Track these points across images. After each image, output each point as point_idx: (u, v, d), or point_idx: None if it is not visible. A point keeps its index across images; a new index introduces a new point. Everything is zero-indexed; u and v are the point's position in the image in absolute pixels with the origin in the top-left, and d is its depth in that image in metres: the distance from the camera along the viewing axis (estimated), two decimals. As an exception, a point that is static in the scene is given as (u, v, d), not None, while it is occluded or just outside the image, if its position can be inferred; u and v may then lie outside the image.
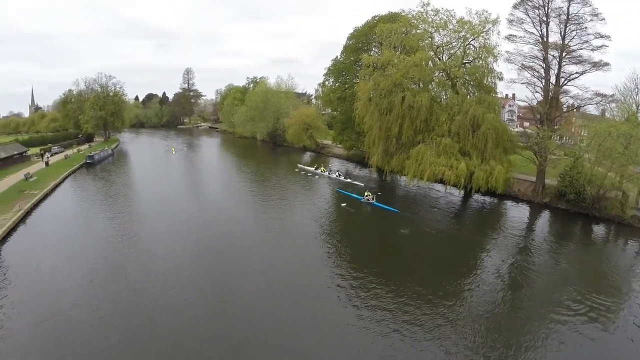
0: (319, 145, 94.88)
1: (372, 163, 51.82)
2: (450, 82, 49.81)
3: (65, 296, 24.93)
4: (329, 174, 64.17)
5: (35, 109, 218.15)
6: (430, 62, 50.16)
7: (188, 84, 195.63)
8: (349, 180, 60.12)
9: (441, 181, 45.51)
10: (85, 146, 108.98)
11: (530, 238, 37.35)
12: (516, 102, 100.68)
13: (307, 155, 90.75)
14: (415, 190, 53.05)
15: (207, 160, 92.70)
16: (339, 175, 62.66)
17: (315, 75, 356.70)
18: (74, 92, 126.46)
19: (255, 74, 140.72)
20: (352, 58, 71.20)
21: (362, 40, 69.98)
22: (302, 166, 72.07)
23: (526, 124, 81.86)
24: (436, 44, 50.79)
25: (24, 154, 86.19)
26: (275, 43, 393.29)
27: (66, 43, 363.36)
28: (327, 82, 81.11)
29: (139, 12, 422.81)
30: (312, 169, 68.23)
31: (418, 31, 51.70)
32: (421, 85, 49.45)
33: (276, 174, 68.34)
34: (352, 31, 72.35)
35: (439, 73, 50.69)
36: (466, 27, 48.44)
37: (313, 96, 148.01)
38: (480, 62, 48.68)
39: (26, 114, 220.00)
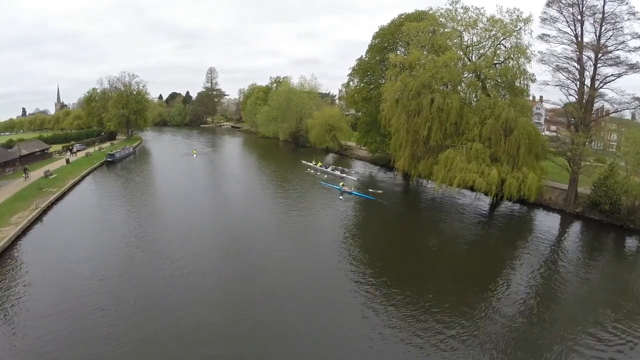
0: (343, 146, 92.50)
1: (398, 167, 49.40)
2: (480, 84, 47.23)
3: (74, 294, 25.19)
4: (325, 168, 69.27)
5: (61, 106, 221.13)
6: (459, 63, 47.60)
7: (211, 83, 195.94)
8: (344, 175, 63.82)
9: (471, 188, 43.15)
10: (107, 144, 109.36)
11: (559, 250, 35.06)
12: (543, 104, 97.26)
13: (330, 157, 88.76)
14: (441, 196, 50.44)
15: (227, 160, 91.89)
16: (334, 169, 67.46)
17: (338, 76, 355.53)
18: (98, 91, 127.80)
19: (278, 74, 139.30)
20: (377, 58, 68.71)
21: (387, 39, 67.46)
22: (306, 162, 76.21)
23: (552, 127, 78.46)
24: (465, 43, 48.21)
25: (45, 151, 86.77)
26: (298, 43, 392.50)
27: (93, 42, 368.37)
28: (351, 82, 78.82)
29: (165, 13, 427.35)
30: (312, 164, 73.41)
31: (446, 30, 49.28)
32: (449, 87, 46.95)
33: (296, 175, 66.57)
34: (377, 30, 69.94)
35: (469, 74, 48.09)
36: (498, 25, 45.75)
37: (336, 97, 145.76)
38: (512, 62, 45.90)
39: (52, 111, 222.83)
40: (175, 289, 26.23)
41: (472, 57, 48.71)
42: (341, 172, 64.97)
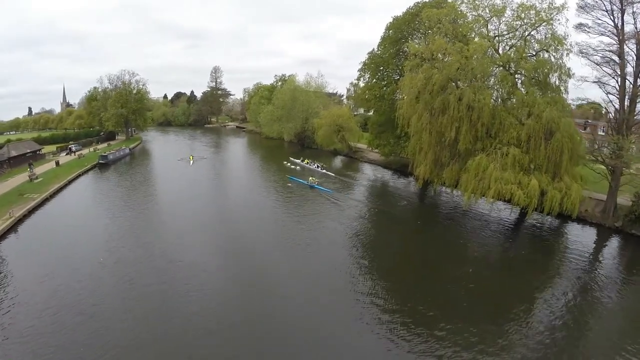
0: (352, 148, 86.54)
1: (419, 174, 42.96)
2: (513, 79, 41.09)
3: (38, 312, 23.46)
4: (309, 165, 71.51)
5: (67, 105, 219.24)
6: (488, 54, 41.48)
7: (216, 82, 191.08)
8: (324, 171, 66.85)
9: (507, 201, 37.17)
10: (104, 145, 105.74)
11: (595, 270, 31.36)
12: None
13: (338, 160, 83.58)
14: (462, 207, 44.55)
15: (227, 164, 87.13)
16: (318, 167, 69.81)
17: (345, 76, 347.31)
18: (99, 90, 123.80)
19: (284, 72, 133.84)
20: (391, 50, 62.63)
21: (403, 29, 61.10)
22: (293, 159, 77.52)
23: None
24: (493, 32, 42.20)
25: (37, 152, 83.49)
26: (303, 44, 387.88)
27: (100, 43, 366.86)
28: (362, 79, 72.69)
29: (170, 14, 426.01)
30: (299, 161, 75.01)
31: (467, 20, 43.77)
32: (473, 81, 40.78)
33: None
34: (391, 20, 63.52)
35: (496, 67, 41.91)
36: (532, 12, 39.67)
37: (344, 96, 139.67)
38: (548, 55, 39.87)
39: (58, 110, 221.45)
40: (173, 292, 25.82)
41: (499, 48, 42.70)
42: (321, 169, 68.08)
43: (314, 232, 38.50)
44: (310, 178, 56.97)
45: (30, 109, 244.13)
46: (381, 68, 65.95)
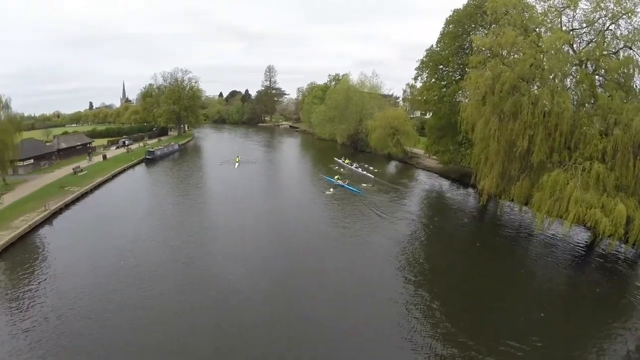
0: (408, 153, 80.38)
1: (483, 188, 37.00)
2: (592, 79, 34.51)
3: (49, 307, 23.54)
4: (350, 165, 72.90)
5: (125, 101, 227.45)
6: (564, 50, 35.23)
7: (270, 81, 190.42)
8: (365, 172, 66.11)
9: (587, 227, 31.47)
10: (155, 140, 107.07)
11: None
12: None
13: (392, 165, 78.30)
14: (524, 227, 39.76)
15: (275, 163, 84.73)
16: (357, 167, 70.75)
17: (401, 77, 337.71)
18: (154, 86, 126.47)
19: (339, 72, 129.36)
20: (452, 47, 56.17)
21: (464, 23, 54.60)
22: (336, 159, 78.39)
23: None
24: (566, 26, 35.65)
25: (88, 145, 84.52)
26: (362, 46, 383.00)
27: (163, 43, 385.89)
28: (419, 78, 65.69)
29: (230, 16, 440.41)
30: (341, 161, 76.27)
31: (537, 12, 37.32)
32: (549, 81, 34.74)
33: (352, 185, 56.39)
34: (451, 14, 56.93)
35: (573, 66, 35.54)
36: (612, 2, 33.10)
37: (400, 98, 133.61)
38: (631, 52, 32.97)
39: (117, 106, 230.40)
40: (191, 293, 25.75)
41: (573, 44, 36.39)
42: (362, 170, 68.18)
43: (355, 244, 35.53)
44: (336, 176, 58.79)
45: (90, 103, 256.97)
46: (440, 67, 59.65)
